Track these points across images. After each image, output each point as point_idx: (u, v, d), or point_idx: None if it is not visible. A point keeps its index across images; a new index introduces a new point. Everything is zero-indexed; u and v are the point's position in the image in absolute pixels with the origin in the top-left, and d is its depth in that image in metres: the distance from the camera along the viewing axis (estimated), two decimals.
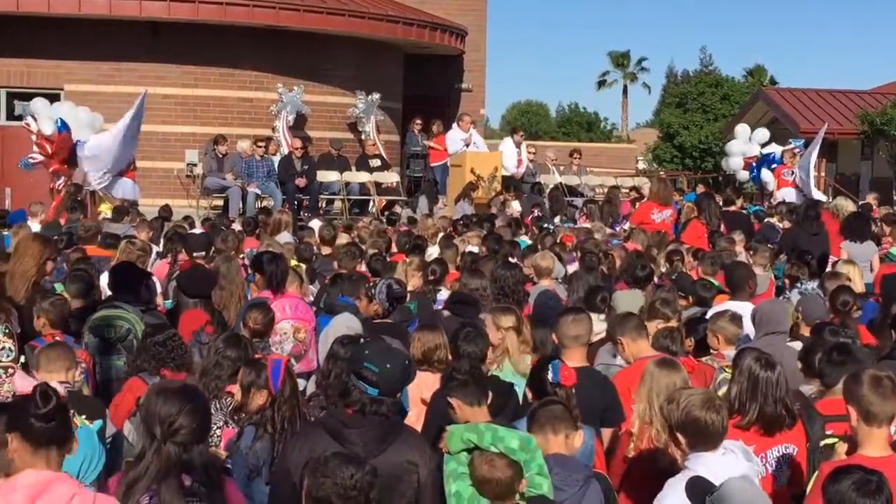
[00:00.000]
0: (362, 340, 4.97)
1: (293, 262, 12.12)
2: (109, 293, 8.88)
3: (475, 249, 12.62)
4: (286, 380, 5.68)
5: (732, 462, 4.81)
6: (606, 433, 6.47)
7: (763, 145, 25.53)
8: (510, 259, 11.30)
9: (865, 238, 13.75)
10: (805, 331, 8.27)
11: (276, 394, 5.70)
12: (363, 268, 11.13)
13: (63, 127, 18.29)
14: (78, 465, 5.22)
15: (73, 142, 18.16)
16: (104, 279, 10.03)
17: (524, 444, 4.82)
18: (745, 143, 26.18)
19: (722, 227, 15.73)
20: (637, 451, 5.86)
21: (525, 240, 14.44)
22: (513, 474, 4.78)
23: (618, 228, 16.77)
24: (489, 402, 5.75)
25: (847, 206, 16.34)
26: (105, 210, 17.24)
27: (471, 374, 5.86)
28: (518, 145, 22.97)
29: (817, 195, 19.72)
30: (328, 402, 5.89)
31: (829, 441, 5.69)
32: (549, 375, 5.80)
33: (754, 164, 25.00)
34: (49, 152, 18.31)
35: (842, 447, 5.39)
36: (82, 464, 5.32)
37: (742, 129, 26.91)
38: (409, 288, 10.01)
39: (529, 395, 5.93)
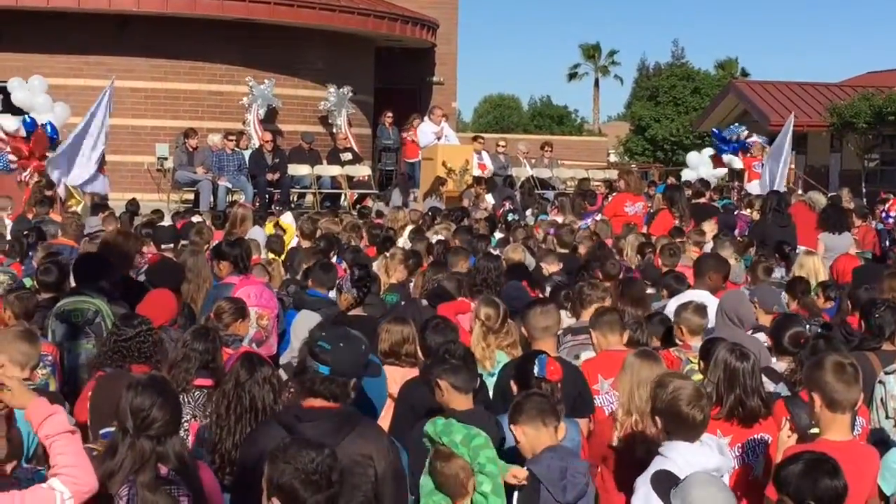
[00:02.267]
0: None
1: (271, 256, 12.11)
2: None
3: (442, 237, 12.56)
4: (232, 373, 5.64)
5: (707, 454, 4.82)
6: (580, 424, 6.45)
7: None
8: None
9: (843, 230, 13.82)
10: (763, 319, 8.28)
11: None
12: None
13: (31, 125, 18.11)
14: None
15: (48, 138, 18.03)
16: None
17: (466, 440, 4.70)
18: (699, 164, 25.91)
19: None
20: (619, 440, 5.88)
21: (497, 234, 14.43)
22: (459, 471, 4.68)
23: (589, 221, 16.73)
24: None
25: (821, 199, 16.40)
26: (74, 204, 17.12)
27: (464, 361, 5.77)
28: (478, 152, 22.32)
29: (775, 186, 19.67)
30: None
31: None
32: (535, 370, 5.75)
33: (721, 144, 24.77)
34: (25, 153, 18.09)
35: (785, 433, 5.38)
36: None
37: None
38: (392, 280, 10.06)
39: (514, 389, 5.87)
